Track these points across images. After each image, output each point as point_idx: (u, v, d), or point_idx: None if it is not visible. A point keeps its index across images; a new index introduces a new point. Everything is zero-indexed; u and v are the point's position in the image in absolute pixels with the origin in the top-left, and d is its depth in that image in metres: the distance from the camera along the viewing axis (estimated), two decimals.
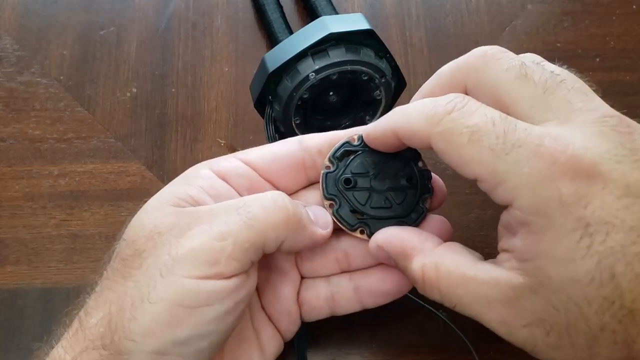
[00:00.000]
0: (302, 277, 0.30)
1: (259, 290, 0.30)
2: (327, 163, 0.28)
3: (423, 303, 0.34)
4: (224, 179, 0.27)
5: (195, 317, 0.23)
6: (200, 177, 0.27)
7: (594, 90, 0.25)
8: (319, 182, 0.29)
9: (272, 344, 0.29)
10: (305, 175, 0.29)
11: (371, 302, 0.30)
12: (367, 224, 0.28)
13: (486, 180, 0.22)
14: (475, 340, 0.34)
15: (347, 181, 0.28)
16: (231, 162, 0.28)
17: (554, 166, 0.21)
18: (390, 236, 0.27)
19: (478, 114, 0.23)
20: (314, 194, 0.29)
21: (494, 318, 0.23)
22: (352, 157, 0.28)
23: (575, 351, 0.22)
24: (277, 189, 0.28)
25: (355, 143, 0.28)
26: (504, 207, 0.23)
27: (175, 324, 0.22)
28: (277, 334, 0.30)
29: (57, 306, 0.36)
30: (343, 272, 0.30)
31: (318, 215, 0.27)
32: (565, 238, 0.21)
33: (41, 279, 0.36)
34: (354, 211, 0.28)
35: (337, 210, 0.28)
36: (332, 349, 0.34)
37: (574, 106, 0.23)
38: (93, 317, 0.24)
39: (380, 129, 0.27)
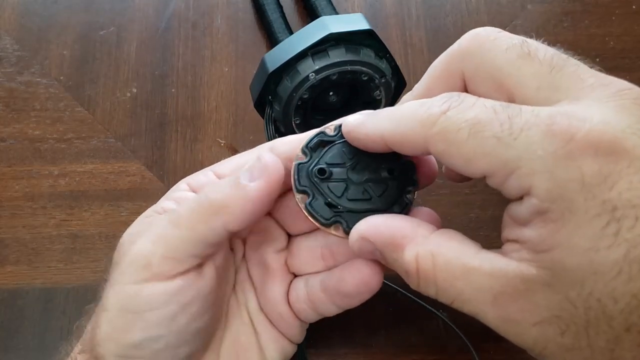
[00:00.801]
0: (296, 276, 0.29)
1: (256, 291, 0.29)
2: (300, 154, 0.26)
3: (423, 303, 0.34)
4: (196, 191, 0.28)
5: (142, 321, 0.23)
6: (176, 190, 0.28)
7: None
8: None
9: (274, 346, 0.28)
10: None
11: (341, 302, 0.27)
12: (344, 218, 0.25)
13: (495, 172, 0.20)
14: (475, 340, 0.34)
15: (321, 171, 0.25)
16: (207, 176, 0.28)
17: (571, 144, 0.18)
18: (376, 225, 0.23)
19: (476, 106, 0.20)
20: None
21: (498, 315, 0.20)
22: (327, 148, 0.26)
23: (593, 354, 0.19)
24: None
25: (331, 133, 0.26)
26: (507, 205, 0.21)
27: (126, 329, 0.23)
28: (280, 337, 0.29)
29: (56, 306, 0.36)
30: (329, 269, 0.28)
31: (252, 168, 0.24)
32: (589, 225, 0.18)
33: (41, 279, 0.36)
34: (329, 205, 0.25)
35: (310, 204, 0.25)
36: (332, 349, 0.35)
37: (585, 82, 0.21)
38: (89, 324, 0.26)
39: (365, 132, 0.24)
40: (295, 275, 0.29)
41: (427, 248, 0.22)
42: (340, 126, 0.26)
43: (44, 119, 0.41)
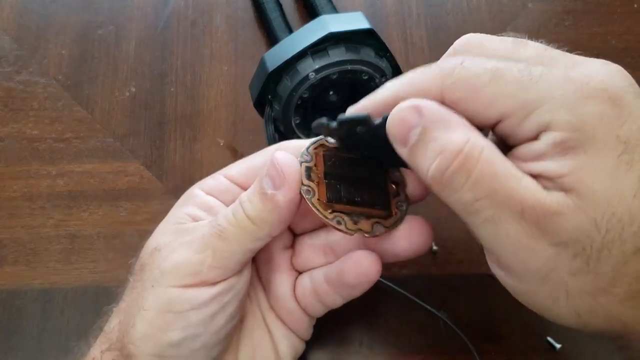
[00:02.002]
0: (300, 273, 0.30)
1: (265, 291, 0.30)
2: (301, 158, 0.26)
3: (423, 304, 0.34)
4: (212, 195, 0.29)
5: (184, 320, 0.25)
6: (193, 196, 0.29)
7: None
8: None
9: (286, 343, 0.30)
10: None
11: (344, 293, 0.28)
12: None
13: (514, 113, 0.21)
14: (475, 340, 0.33)
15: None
16: (216, 179, 0.29)
17: (587, 86, 0.20)
18: (434, 104, 0.22)
19: (494, 59, 0.22)
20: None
21: (521, 228, 0.21)
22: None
23: (596, 279, 0.21)
24: None
25: (331, 140, 0.27)
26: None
27: (167, 328, 0.25)
28: (291, 334, 0.30)
29: (55, 307, 0.36)
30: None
31: (272, 176, 0.25)
32: (608, 153, 0.20)
33: (39, 279, 0.36)
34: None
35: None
36: (332, 349, 0.34)
37: (574, 57, 0.23)
38: (112, 322, 0.26)
39: (381, 98, 0.25)
40: (300, 273, 0.30)
41: (480, 140, 0.21)
42: (339, 121, 0.26)
43: (42, 119, 0.41)
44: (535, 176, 0.21)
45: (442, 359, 0.34)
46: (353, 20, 0.32)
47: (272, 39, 0.41)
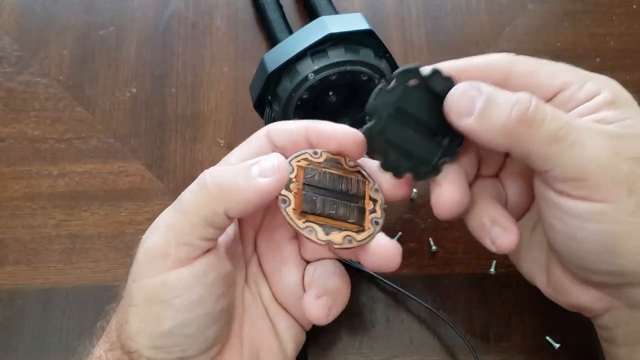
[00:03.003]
0: (308, 262, 0.31)
1: (269, 282, 0.31)
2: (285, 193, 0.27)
3: (424, 303, 0.34)
4: None
5: (171, 309, 0.25)
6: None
7: None
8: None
9: (290, 333, 0.30)
10: None
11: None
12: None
13: (573, 82, 0.26)
14: (475, 340, 0.34)
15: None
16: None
17: (613, 81, 0.27)
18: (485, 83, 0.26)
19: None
20: None
21: (604, 145, 0.24)
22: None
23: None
24: None
25: (314, 157, 0.28)
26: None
27: (157, 319, 0.25)
28: (294, 323, 0.30)
29: (56, 306, 0.36)
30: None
31: (264, 166, 0.26)
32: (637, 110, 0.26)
33: (40, 279, 0.36)
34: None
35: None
36: (332, 349, 0.35)
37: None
38: (112, 322, 0.27)
39: (456, 65, 0.27)
40: (308, 262, 0.31)
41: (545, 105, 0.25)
42: (395, 74, 0.26)
43: (44, 119, 0.41)
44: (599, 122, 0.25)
45: (442, 359, 0.34)
46: (352, 21, 0.33)
47: (272, 40, 0.41)
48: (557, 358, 0.34)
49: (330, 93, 0.35)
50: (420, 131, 0.27)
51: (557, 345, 0.34)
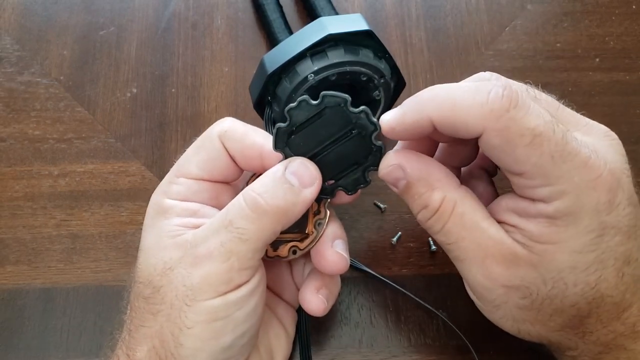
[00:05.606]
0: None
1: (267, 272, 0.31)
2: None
3: (423, 303, 0.34)
4: (187, 200, 0.29)
5: (232, 322, 0.26)
6: (169, 208, 0.29)
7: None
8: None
9: (287, 316, 0.32)
10: (236, 167, 0.30)
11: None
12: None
13: (534, 179, 0.24)
14: (475, 340, 0.34)
15: None
16: (180, 184, 0.29)
17: (598, 179, 0.24)
18: (416, 161, 0.27)
19: (535, 115, 0.24)
20: None
21: (480, 271, 0.26)
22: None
23: (537, 315, 0.26)
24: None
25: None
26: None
27: (217, 335, 0.25)
28: (287, 306, 0.33)
29: (56, 306, 0.36)
30: None
31: (300, 174, 0.27)
32: (585, 236, 0.24)
33: (41, 279, 0.36)
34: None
35: None
36: (332, 349, 0.35)
37: (580, 120, 0.27)
38: (138, 352, 0.26)
39: (413, 116, 0.26)
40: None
41: (453, 196, 0.26)
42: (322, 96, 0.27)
43: (44, 119, 0.41)
44: (521, 229, 0.25)
45: (442, 359, 0.34)
46: (352, 22, 0.33)
47: (272, 40, 0.41)
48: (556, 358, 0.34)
49: None
50: (329, 149, 0.28)
51: None
